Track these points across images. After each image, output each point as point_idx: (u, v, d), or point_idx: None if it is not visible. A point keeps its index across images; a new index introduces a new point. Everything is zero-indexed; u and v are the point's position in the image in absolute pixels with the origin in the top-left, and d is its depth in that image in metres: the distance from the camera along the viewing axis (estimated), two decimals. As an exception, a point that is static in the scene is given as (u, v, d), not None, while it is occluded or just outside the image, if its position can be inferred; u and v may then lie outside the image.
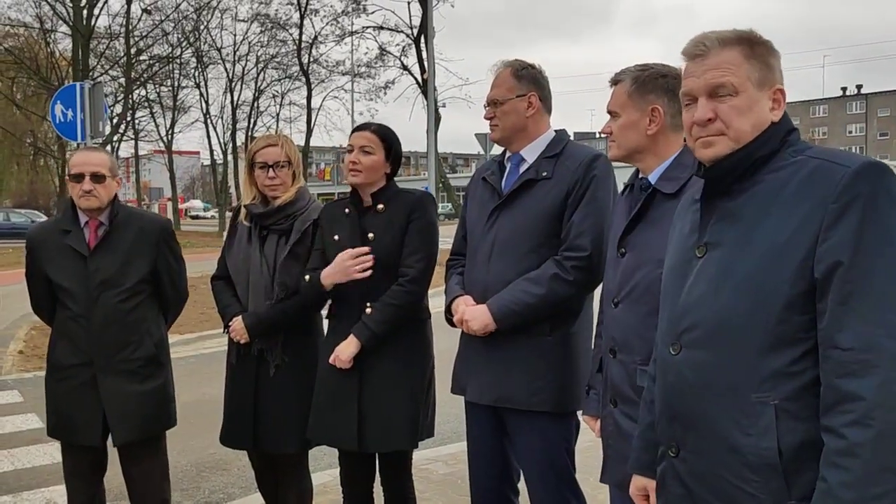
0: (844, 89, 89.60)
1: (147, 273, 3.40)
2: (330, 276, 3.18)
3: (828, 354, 1.63)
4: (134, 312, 3.35)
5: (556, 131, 3.07)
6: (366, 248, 3.14)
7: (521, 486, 3.11)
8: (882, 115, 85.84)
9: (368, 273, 3.12)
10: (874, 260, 1.60)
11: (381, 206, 3.21)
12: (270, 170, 3.42)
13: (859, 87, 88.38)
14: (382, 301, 3.12)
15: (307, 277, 3.26)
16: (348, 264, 3.12)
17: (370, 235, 3.18)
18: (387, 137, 3.24)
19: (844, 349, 1.59)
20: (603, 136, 2.59)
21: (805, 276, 1.66)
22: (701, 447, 1.82)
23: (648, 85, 2.45)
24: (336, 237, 3.25)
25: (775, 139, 1.80)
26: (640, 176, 2.50)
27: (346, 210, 3.28)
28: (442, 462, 5.07)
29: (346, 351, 3.12)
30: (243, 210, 3.51)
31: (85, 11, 28.03)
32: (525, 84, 3.00)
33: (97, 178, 3.32)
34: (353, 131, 3.28)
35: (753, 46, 1.83)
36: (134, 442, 3.37)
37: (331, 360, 3.17)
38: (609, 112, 2.50)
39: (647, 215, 2.41)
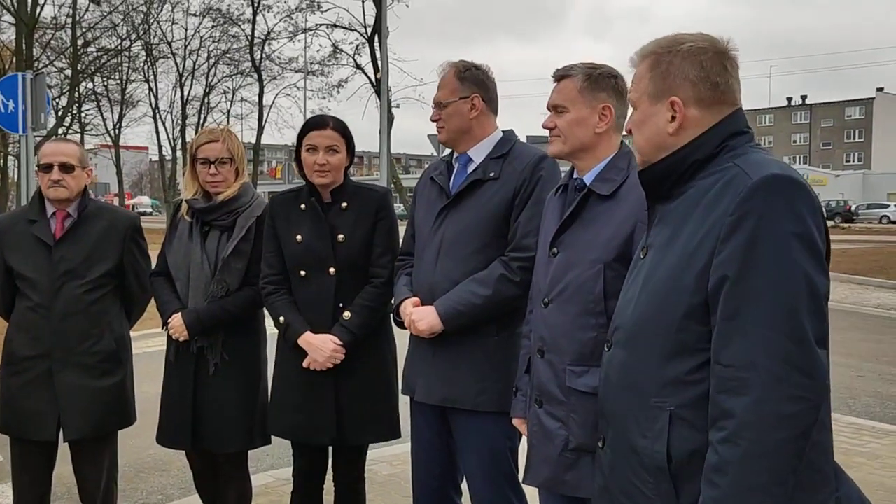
0: (790, 99, 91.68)
1: (112, 267, 3.37)
2: (307, 346, 3.12)
3: (713, 369, 1.63)
4: (96, 305, 3.31)
5: (503, 132, 3.06)
6: (341, 352, 3.09)
7: (464, 486, 3.10)
8: (825, 125, 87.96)
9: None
10: (760, 278, 1.58)
11: (344, 204, 3.18)
12: (212, 166, 3.35)
13: (804, 97, 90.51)
14: (359, 304, 3.12)
15: (281, 319, 3.18)
16: (328, 356, 3.08)
17: (340, 237, 3.15)
18: (346, 133, 3.24)
19: (725, 365, 1.60)
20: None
21: (703, 286, 1.66)
22: (615, 444, 1.85)
23: (601, 83, 2.45)
24: (299, 237, 3.18)
25: (710, 144, 1.77)
26: (575, 176, 2.50)
27: (303, 206, 3.22)
28: (386, 463, 5.05)
29: (326, 346, 3.08)
30: (184, 205, 3.43)
31: (29, 0, 27.30)
32: (468, 86, 2.99)
33: (66, 168, 3.31)
34: (311, 129, 3.18)
35: (660, 57, 1.82)
36: (86, 438, 3.31)
37: (306, 363, 3.12)
38: (553, 107, 2.49)
39: (581, 216, 2.42)
